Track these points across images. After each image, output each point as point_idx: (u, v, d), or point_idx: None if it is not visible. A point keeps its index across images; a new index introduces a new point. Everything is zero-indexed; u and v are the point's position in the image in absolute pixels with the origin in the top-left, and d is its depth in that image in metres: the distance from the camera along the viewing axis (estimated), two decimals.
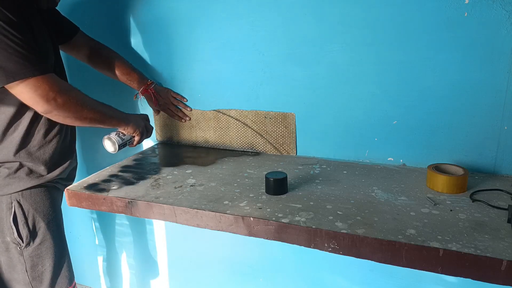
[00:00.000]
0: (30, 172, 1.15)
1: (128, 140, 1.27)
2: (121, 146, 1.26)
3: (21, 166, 1.14)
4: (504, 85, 1.08)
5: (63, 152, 1.24)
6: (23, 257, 1.17)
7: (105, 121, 1.16)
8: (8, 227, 1.13)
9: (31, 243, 1.17)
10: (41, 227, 1.19)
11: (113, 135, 1.24)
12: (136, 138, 1.28)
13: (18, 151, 1.13)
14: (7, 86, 0.97)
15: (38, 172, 1.17)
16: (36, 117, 1.14)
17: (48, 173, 1.19)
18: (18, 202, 1.14)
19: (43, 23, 1.12)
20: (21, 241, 1.15)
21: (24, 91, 0.97)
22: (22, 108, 1.10)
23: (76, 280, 1.33)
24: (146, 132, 1.31)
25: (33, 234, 1.17)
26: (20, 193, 1.14)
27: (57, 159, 1.22)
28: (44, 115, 1.05)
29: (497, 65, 1.07)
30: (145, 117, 1.36)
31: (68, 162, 1.26)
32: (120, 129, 1.24)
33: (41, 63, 1.00)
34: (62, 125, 1.23)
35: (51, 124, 1.19)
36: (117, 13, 1.52)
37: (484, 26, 1.06)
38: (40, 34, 1.07)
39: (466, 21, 1.07)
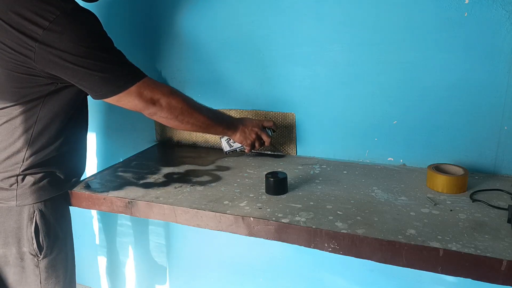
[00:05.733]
0: (53, 180, 1.11)
1: (238, 147, 1.29)
2: (230, 152, 1.30)
3: (47, 175, 1.09)
4: (504, 85, 1.08)
5: (82, 161, 1.23)
6: (39, 268, 1.11)
7: (209, 129, 1.16)
8: (28, 238, 1.08)
9: (49, 255, 1.12)
10: (59, 237, 1.14)
11: (224, 139, 1.30)
12: (247, 149, 1.27)
13: (47, 160, 1.08)
14: (111, 99, 1.00)
15: (60, 181, 1.13)
16: (74, 130, 1.13)
17: (67, 181, 1.15)
18: (41, 212, 1.08)
19: None
20: (39, 253, 1.09)
21: (130, 99, 1.01)
22: (68, 123, 1.09)
23: (76, 280, 1.33)
24: (258, 141, 1.26)
25: (52, 244, 1.12)
26: (42, 202, 1.09)
27: (76, 168, 1.20)
28: (149, 116, 1.07)
29: (497, 65, 1.07)
30: (259, 125, 1.26)
31: (83, 171, 1.24)
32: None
33: (136, 69, 1.03)
34: (86, 138, 1.22)
35: (81, 137, 1.18)
36: (117, 13, 1.52)
37: (484, 26, 1.06)
38: None
39: (466, 21, 1.07)
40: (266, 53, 1.33)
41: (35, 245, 1.08)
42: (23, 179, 1.06)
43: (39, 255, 1.10)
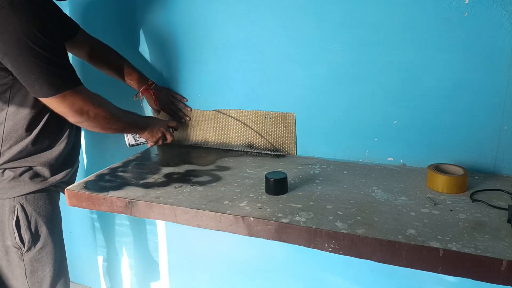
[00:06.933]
0: (35, 175, 1.14)
1: (143, 142, 1.40)
2: (134, 145, 1.41)
3: (26, 169, 1.12)
4: (504, 85, 1.08)
5: (68, 156, 1.24)
6: (23, 261, 1.14)
7: (127, 131, 1.29)
8: (10, 231, 1.11)
9: (32, 248, 1.15)
10: (43, 231, 1.17)
11: (130, 134, 1.40)
12: (150, 144, 1.37)
13: (25, 154, 1.11)
14: (43, 99, 1.00)
15: (43, 176, 1.16)
16: (48, 123, 1.14)
17: (51, 176, 1.18)
18: (22, 206, 1.12)
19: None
20: (22, 246, 1.13)
21: (61, 105, 1.02)
22: (39, 115, 1.11)
23: (76, 280, 1.34)
24: (162, 139, 1.37)
25: (35, 238, 1.15)
26: (23, 196, 1.12)
27: (62, 163, 1.21)
28: (74, 123, 1.10)
29: (497, 65, 1.07)
30: (165, 125, 1.38)
31: (72, 167, 1.25)
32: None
33: (74, 76, 1.04)
34: (70, 131, 1.23)
35: (61, 130, 1.19)
36: (117, 14, 1.52)
37: (484, 26, 1.06)
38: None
39: (466, 21, 1.07)
40: (266, 53, 1.33)
41: (17, 238, 1.11)
42: (2, 174, 1.08)
43: (23, 248, 1.13)
